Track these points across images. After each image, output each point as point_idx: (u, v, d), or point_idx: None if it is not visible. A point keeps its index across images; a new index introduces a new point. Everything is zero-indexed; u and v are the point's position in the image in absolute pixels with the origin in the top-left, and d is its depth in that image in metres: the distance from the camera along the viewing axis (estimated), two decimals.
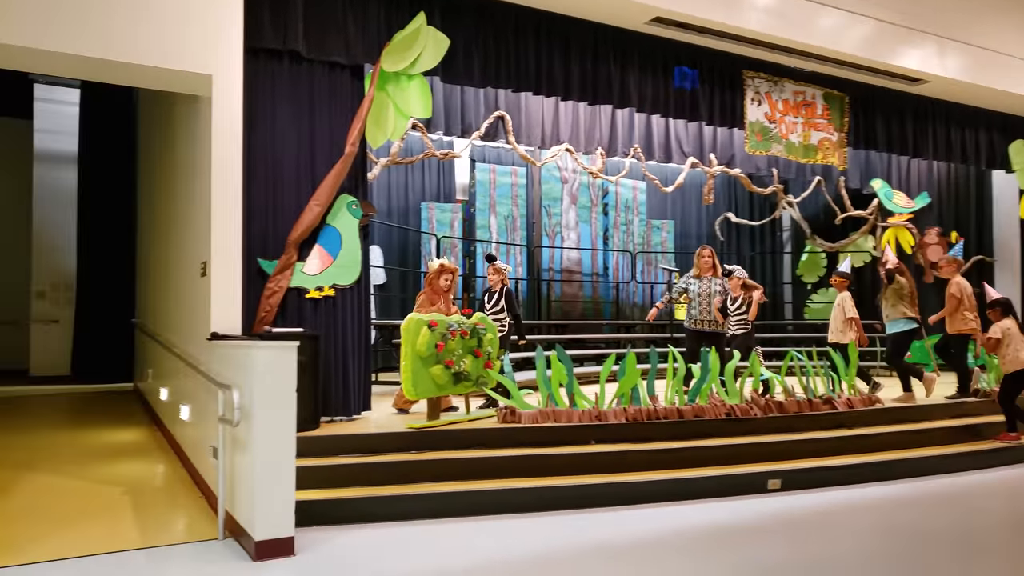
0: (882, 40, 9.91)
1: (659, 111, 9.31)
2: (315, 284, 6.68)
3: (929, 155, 11.64)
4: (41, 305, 13.05)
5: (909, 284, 8.64)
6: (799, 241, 14.47)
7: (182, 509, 5.57)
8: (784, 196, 11.88)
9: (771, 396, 7.56)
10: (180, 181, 7.60)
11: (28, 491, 5.91)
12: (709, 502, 5.98)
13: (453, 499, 5.51)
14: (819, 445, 6.97)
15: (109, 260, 12.78)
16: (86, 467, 6.72)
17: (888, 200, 11.98)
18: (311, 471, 5.36)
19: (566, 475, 5.98)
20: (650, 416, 6.76)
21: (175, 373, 7.37)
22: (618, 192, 13.05)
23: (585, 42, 8.56)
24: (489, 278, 8.15)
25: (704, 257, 8.62)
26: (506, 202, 12.22)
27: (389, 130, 7.26)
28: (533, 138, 9.02)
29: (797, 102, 10.50)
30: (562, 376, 6.82)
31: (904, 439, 7.38)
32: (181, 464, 6.84)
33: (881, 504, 6.09)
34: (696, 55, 9.41)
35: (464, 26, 7.69)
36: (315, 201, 6.59)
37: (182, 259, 7.36)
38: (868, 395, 8.02)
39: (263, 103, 6.57)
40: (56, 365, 12.86)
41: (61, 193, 13.05)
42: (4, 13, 5.29)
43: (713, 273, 8.53)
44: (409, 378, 6.36)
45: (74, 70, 6.00)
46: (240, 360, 5.00)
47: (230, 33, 6.10)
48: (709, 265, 8.57)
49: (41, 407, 10.43)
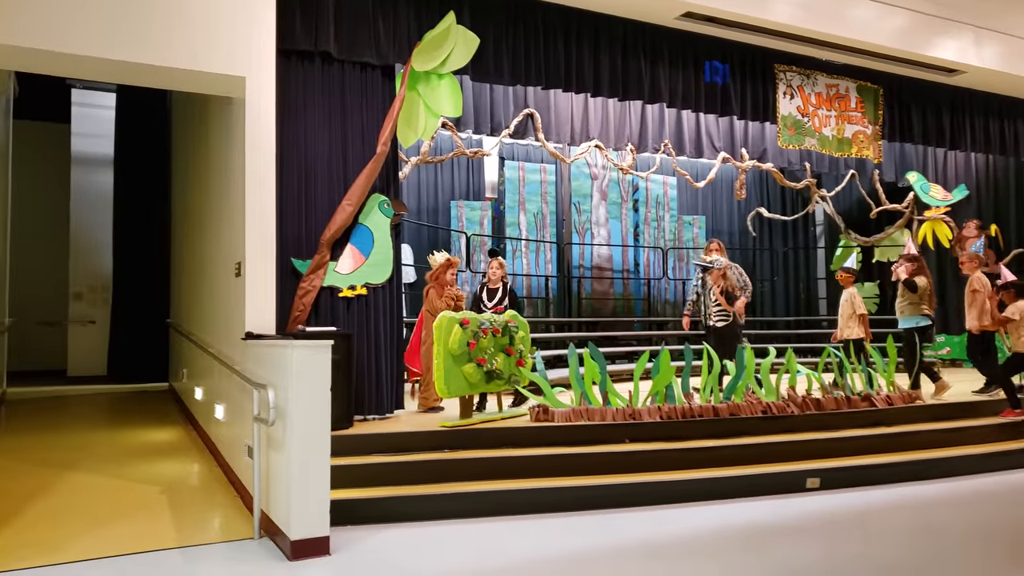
0: (917, 31, 9.74)
1: (690, 106, 9.23)
2: (348, 283, 6.71)
3: (967, 147, 11.42)
4: (78, 306, 13.27)
5: (928, 284, 8.49)
6: (833, 236, 14.26)
7: (218, 508, 5.61)
8: (817, 190, 11.70)
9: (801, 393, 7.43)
10: (214, 182, 7.67)
11: (66, 490, 6.00)
12: (747, 501, 5.91)
13: (487, 498, 5.50)
14: (858, 443, 6.86)
15: (144, 261, 12.97)
16: (123, 466, 6.80)
17: (924, 193, 11.76)
18: (345, 470, 5.37)
19: (600, 474, 5.94)
20: (685, 414, 6.70)
21: (210, 373, 7.44)
22: (648, 188, 12.96)
23: (614, 38, 8.51)
24: (491, 273, 7.81)
25: (712, 251, 8.67)
26: (535, 199, 12.19)
27: (420, 129, 7.27)
28: (563, 135, 8.97)
29: (830, 95, 10.35)
30: (595, 374, 6.78)
31: (945, 437, 7.23)
32: (216, 463, 6.90)
33: (921, 503, 5.98)
34: (727, 49, 9.32)
35: (494, 24, 7.68)
36: (347, 201, 6.62)
37: (216, 259, 7.42)
38: (908, 391, 7.88)
39: (295, 104, 6.61)
40: (93, 365, 13.07)
41: (97, 196, 13.27)
42: (42, 19, 5.37)
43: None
44: (441, 376, 6.36)
45: (110, 74, 6.08)
46: (275, 359, 5.03)
47: (262, 35, 6.15)
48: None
49: (79, 406, 10.60)
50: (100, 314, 13.25)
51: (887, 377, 7.92)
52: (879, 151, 10.79)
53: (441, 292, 7.39)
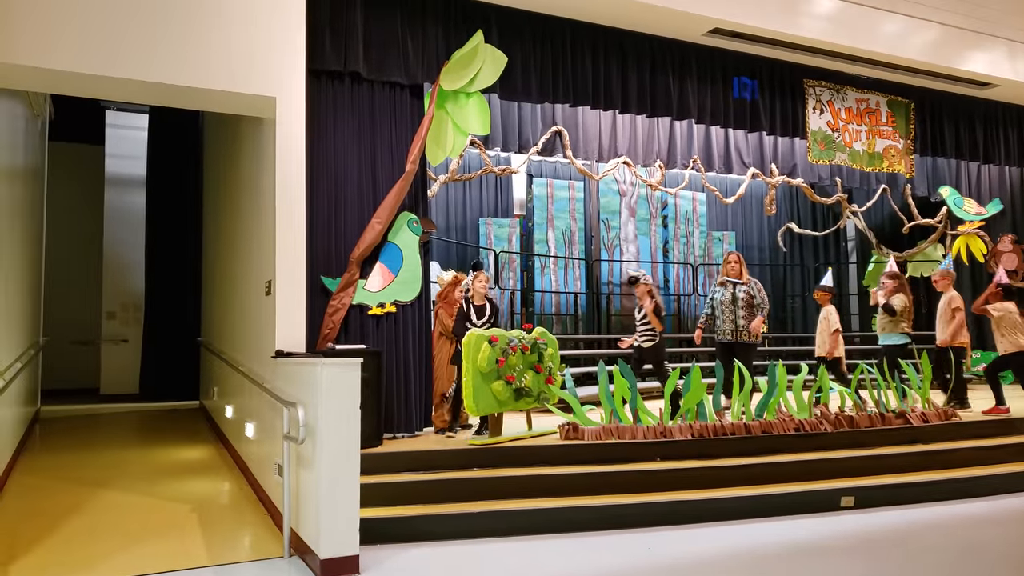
0: (948, 45, 9.64)
1: (719, 122, 9.19)
2: (377, 301, 6.73)
3: (1000, 160, 11.26)
4: (111, 325, 13.43)
5: (908, 303, 8.52)
6: (865, 251, 14.09)
7: (248, 527, 5.62)
8: (848, 205, 11.58)
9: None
10: (244, 201, 7.75)
11: (99, 508, 6.04)
12: (780, 520, 5.81)
13: (517, 517, 5.46)
14: (894, 461, 6.73)
15: (176, 280, 13.11)
16: (154, 484, 6.85)
17: (958, 207, 11.59)
18: (375, 488, 5.36)
19: (631, 493, 5.88)
20: (716, 432, 6.62)
21: (240, 391, 7.48)
22: (677, 204, 12.90)
23: (642, 55, 8.51)
24: (476, 289, 7.09)
25: (731, 263, 8.33)
26: (564, 216, 12.18)
27: (448, 147, 7.31)
28: (591, 152, 8.95)
29: (860, 110, 10.26)
30: (625, 391, 6.72)
31: (985, 455, 7.07)
32: (246, 481, 6.92)
33: (961, 523, 5.84)
34: (755, 65, 9.28)
35: (521, 43, 7.72)
36: (376, 219, 6.65)
37: (247, 278, 7.48)
38: (944, 408, 7.73)
39: (325, 123, 6.67)
40: (125, 383, 13.19)
41: (130, 215, 13.46)
42: (77, 43, 5.48)
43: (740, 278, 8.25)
44: (470, 394, 6.33)
45: (144, 96, 6.17)
46: (304, 377, 5.04)
47: (293, 56, 6.22)
48: (737, 272, 8.28)
49: (111, 425, 10.70)
50: (132, 333, 13.40)
51: (922, 394, 7.79)
52: (911, 165, 10.67)
53: (451, 311, 7.33)
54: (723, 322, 8.18)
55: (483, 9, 7.50)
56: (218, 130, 10.28)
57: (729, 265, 8.32)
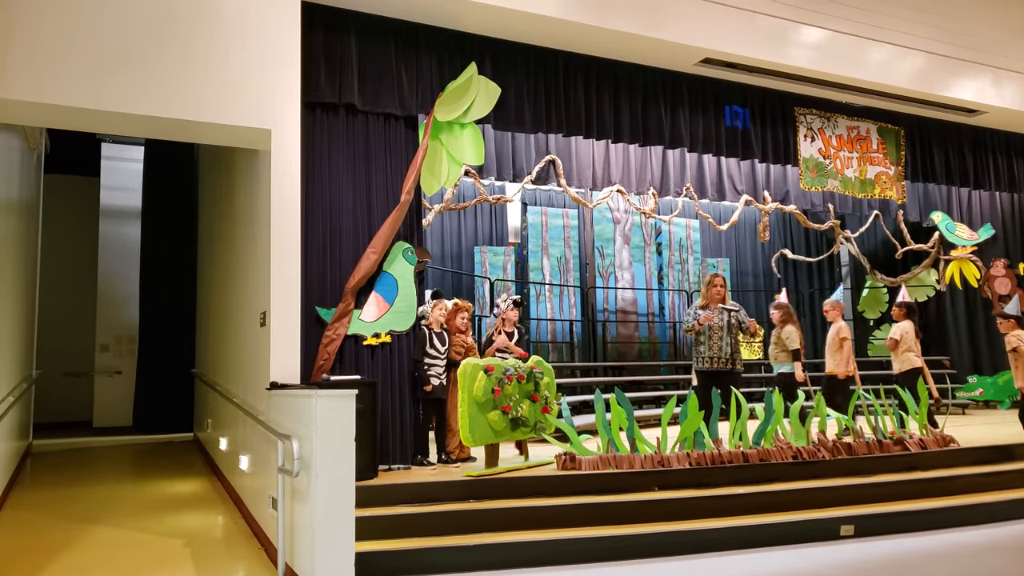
0: (935, 72, 9.76)
1: (711, 150, 9.25)
2: (372, 331, 6.71)
3: (991, 186, 11.36)
4: (104, 357, 13.38)
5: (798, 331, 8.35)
6: (859, 276, 14.14)
7: (242, 561, 5.56)
8: (841, 231, 11.65)
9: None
10: (240, 233, 7.76)
11: (90, 545, 5.97)
12: (779, 550, 5.75)
13: (514, 549, 5.40)
14: (893, 488, 6.69)
15: (170, 312, 13.09)
16: (147, 519, 6.77)
17: (950, 233, 11.67)
18: (370, 521, 5.31)
19: (629, 523, 5.82)
20: (714, 460, 6.58)
21: (234, 423, 7.43)
22: (671, 231, 12.95)
23: (634, 85, 8.58)
24: (437, 316, 7.14)
25: (716, 286, 7.68)
26: (558, 244, 12.21)
27: (443, 177, 7.34)
28: (584, 180, 9.00)
29: (851, 137, 10.35)
30: (622, 420, 6.68)
31: (985, 481, 7.02)
32: (240, 515, 6.85)
33: (964, 551, 5.79)
34: (746, 94, 9.37)
35: (514, 74, 7.79)
36: (371, 249, 6.66)
37: (242, 309, 7.46)
38: (942, 435, 7.70)
39: (320, 155, 6.70)
40: (118, 416, 13.11)
41: (125, 247, 13.46)
42: (72, 78, 5.50)
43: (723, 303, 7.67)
44: (466, 424, 6.30)
45: (139, 129, 6.20)
46: (299, 409, 5.01)
47: (288, 89, 6.26)
48: (720, 296, 7.67)
49: (103, 458, 10.61)
50: (126, 365, 13.34)
51: (919, 420, 7.77)
52: (902, 191, 10.74)
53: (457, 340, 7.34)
54: (709, 349, 7.58)
55: (476, 41, 7.57)
56: (213, 162, 10.32)
57: (715, 289, 7.69)
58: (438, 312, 7.16)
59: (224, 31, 6.06)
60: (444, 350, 7.14)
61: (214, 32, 6.02)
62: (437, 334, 7.10)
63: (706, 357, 7.62)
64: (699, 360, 7.69)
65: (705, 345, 7.62)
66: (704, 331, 7.62)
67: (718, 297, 7.68)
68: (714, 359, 7.59)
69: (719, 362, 7.57)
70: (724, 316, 7.63)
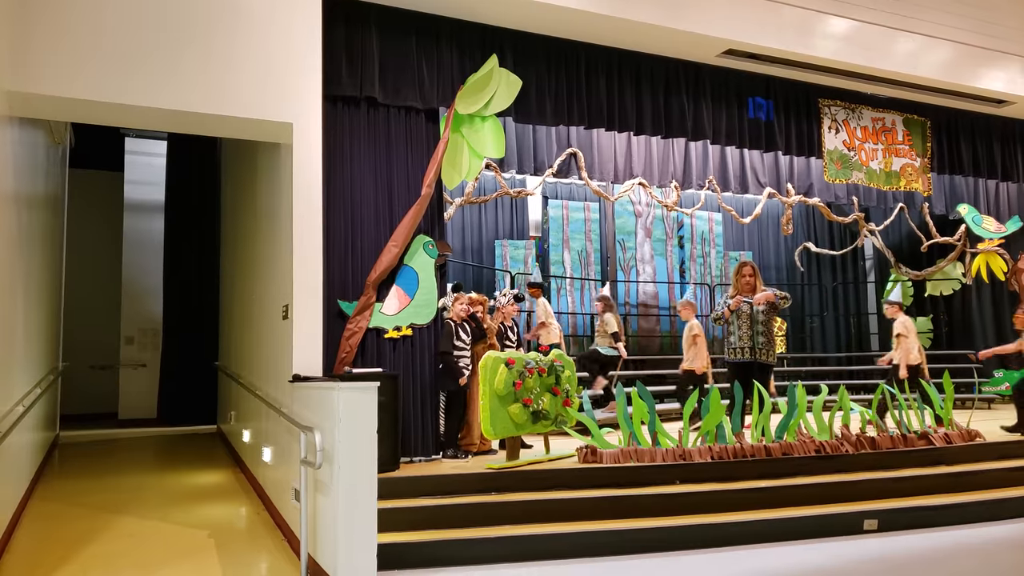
0: (963, 63, 9.61)
1: (734, 143, 9.17)
2: (393, 324, 6.73)
3: (1019, 178, 11.18)
4: (129, 350, 13.52)
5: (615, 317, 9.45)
6: (883, 270, 13.99)
7: (265, 552, 5.60)
8: (865, 224, 11.52)
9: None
10: (262, 226, 7.80)
11: (116, 535, 6.03)
12: (802, 544, 5.72)
13: (534, 542, 5.40)
14: (917, 483, 6.62)
15: (193, 305, 13.20)
16: (172, 510, 6.84)
17: (977, 225, 11.49)
18: (392, 513, 5.32)
19: (650, 517, 5.80)
20: (736, 454, 6.54)
21: (257, 415, 7.48)
22: (693, 224, 12.87)
23: (656, 77, 8.52)
24: (458, 310, 7.16)
25: (745, 276, 7.52)
26: (579, 237, 12.18)
27: (464, 171, 7.33)
28: (606, 173, 8.96)
29: (876, 128, 10.22)
30: (644, 414, 6.66)
31: (1013, 476, 6.93)
32: (264, 506, 6.90)
33: (990, 546, 5.73)
34: (770, 85, 9.28)
35: (535, 66, 7.75)
36: (393, 242, 6.67)
37: (264, 302, 7.51)
38: (968, 430, 7.61)
39: (341, 148, 6.71)
40: (143, 408, 13.25)
41: (149, 241, 13.59)
42: (96, 72, 5.55)
43: (753, 293, 7.47)
44: (487, 417, 6.30)
45: (163, 123, 6.24)
46: (321, 402, 5.03)
47: (309, 82, 6.27)
48: (751, 285, 7.49)
49: (128, 450, 10.73)
50: (150, 358, 13.48)
51: (944, 414, 7.68)
52: (928, 184, 10.60)
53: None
54: (739, 339, 7.45)
55: (497, 33, 7.55)
56: (235, 156, 10.37)
57: (743, 279, 7.51)
58: (459, 306, 7.17)
59: (246, 25, 6.08)
60: (469, 342, 7.17)
61: (236, 26, 6.05)
62: (460, 326, 7.12)
63: (734, 347, 7.51)
64: (728, 351, 7.60)
65: (735, 335, 7.50)
66: (733, 321, 7.50)
67: (748, 287, 7.51)
68: (741, 350, 7.45)
69: (747, 352, 7.42)
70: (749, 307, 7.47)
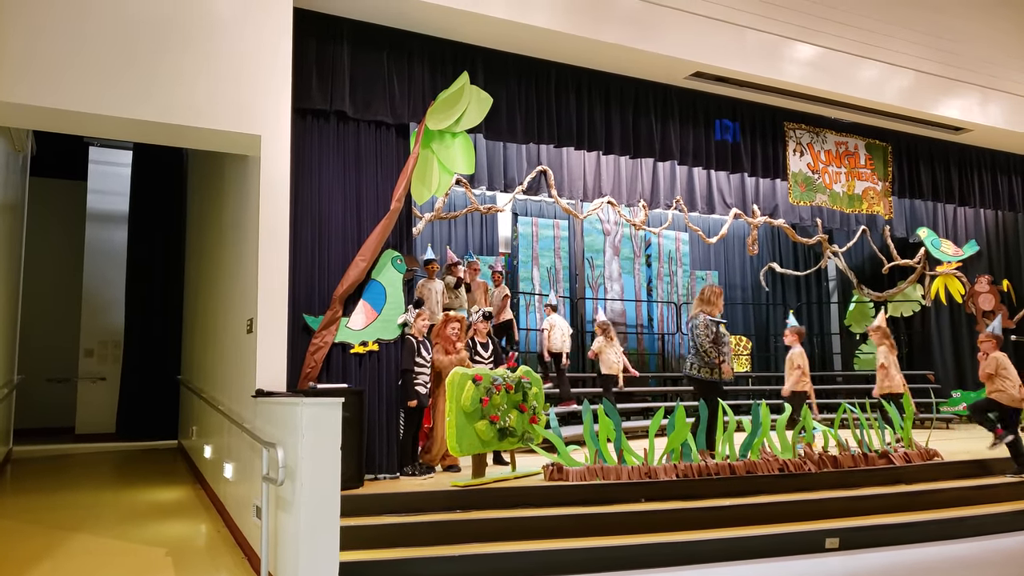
0: (923, 90, 9.85)
1: (701, 163, 9.28)
2: (359, 339, 6.68)
3: (975, 203, 11.44)
4: (88, 363, 13.24)
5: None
6: (846, 291, 14.23)
7: (224, 571, 5.50)
8: (829, 246, 11.71)
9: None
10: (228, 239, 7.71)
11: (70, 553, 5.89)
12: (765, 562, 5.74)
13: (500, 560, 5.36)
14: (878, 502, 6.70)
15: (156, 317, 12.99)
16: (129, 527, 6.70)
17: (935, 248, 11.76)
18: (355, 531, 5.26)
19: (616, 535, 5.79)
20: (701, 472, 6.57)
21: (219, 430, 7.37)
22: (661, 243, 12.99)
23: (625, 97, 8.61)
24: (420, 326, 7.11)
25: (719, 295, 7.61)
26: (549, 254, 12.22)
27: (434, 186, 7.33)
28: (575, 191, 9.02)
29: (840, 152, 10.41)
30: (610, 431, 6.67)
31: (970, 495, 7.05)
32: (224, 524, 6.78)
33: (948, 565, 5.81)
34: (737, 108, 9.42)
35: (506, 84, 7.79)
36: (360, 256, 6.63)
37: (228, 316, 7.41)
38: (926, 449, 7.73)
39: (310, 161, 6.68)
40: (102, 422, 12.98)
41: (111, 252, 13.36)
42: (62, 80, 5.46)
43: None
44: (453, 434, 6.26)
45: (128, 133, 6.14)
46: (285, 417, 4.97)
47: (279, 95, 6.23)
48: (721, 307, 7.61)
49: (85, 465, 10.50)
50: (110, 371, 13.22)
51: (904, 434, 7.80)
52: (889, 207, 10.81)
53: (448, 349, 7.26)
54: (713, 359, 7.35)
55: (469, 51, 7.58)
56: (202, 167, 10.27)
57: (721, 299, 7.60)
58: (421, 322, 7.12)
59: (216, 37, 6.03)
60: (429, 359, 7.12)
61: (206, 37, 5.99)
62: (422, 343, 7.09)
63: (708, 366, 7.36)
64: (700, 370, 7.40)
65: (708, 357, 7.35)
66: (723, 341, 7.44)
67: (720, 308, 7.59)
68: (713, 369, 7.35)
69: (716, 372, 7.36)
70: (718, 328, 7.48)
